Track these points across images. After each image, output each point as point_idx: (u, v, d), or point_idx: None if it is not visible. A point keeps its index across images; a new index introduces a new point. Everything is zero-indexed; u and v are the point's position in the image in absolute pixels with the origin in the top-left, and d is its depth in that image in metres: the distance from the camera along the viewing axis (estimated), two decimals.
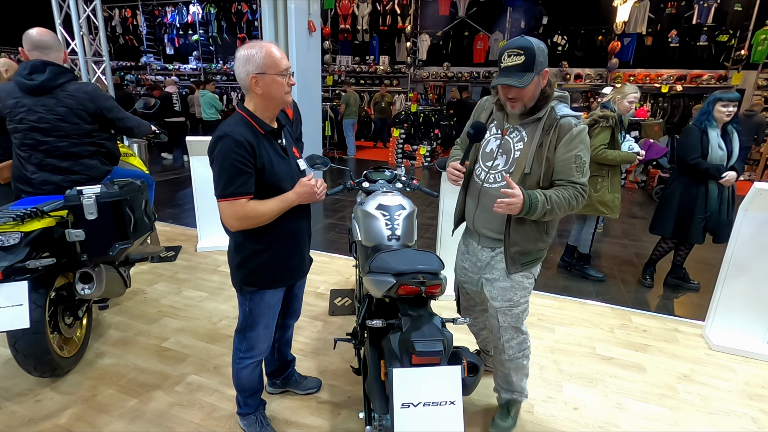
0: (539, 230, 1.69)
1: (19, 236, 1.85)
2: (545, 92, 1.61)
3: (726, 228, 3.15)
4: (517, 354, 1.85)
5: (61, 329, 2.21)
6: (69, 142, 2.21)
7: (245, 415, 1.87)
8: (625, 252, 4.39)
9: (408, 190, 2.36)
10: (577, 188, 1.58)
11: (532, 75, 1.50)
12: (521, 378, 1.93)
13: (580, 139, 1.56)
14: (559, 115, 1.59)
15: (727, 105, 3.03)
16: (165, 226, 4.64)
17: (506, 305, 1.78)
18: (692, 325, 2.94)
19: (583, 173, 1.58)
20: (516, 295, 1.76)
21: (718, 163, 3.07)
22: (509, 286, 1.76)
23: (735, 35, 9.04)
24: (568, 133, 1.55)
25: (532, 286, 1.81)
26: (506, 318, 1.80)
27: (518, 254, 1.70)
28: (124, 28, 13.78)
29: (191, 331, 2.68)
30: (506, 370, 1.90)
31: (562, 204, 1.56)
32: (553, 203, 1.55)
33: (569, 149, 1.56)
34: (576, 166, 1.57)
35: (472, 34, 11.13)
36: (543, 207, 1.54)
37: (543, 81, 1.58)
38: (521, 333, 1.83)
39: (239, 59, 1.47)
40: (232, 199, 1.45)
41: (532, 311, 2.80)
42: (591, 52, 10.21)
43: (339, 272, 3.63)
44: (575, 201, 1.57)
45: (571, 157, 1.56)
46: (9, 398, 2.07)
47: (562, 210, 1.57)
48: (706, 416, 2.11)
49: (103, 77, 6.22)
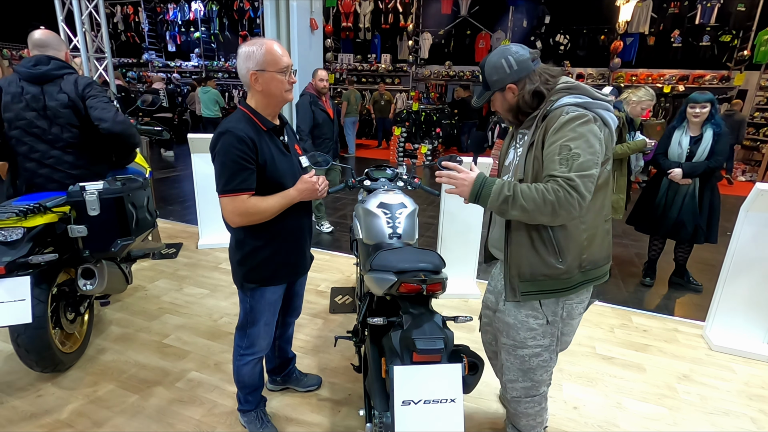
0: (545, 247, 1.37)
1: (22, 232, 1.86)
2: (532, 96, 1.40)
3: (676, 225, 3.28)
4: (523, 399, 1.62)
5: (63, 325, 2.22)
6: (73, 134, 2.18)
7: (246, 411, 1.88)
8: (625, 252, 4.39)
9: (409, 188, 2.36)
10: (558, 181, 1.24)
11: (488, 93, 1.47)
12: (530, 425, 1.68)
13: (570, 127, 1.27)
14: (553, 106, 1.35)
15: (694, 107, 3.13)
16: (166, 223, 4.64)
17: (510, 343, 1.55)
18: (692, 326, 2.94)
19: (570, 166, 1.24)
20: (519, 335, 1.50)
21: (674, 160, 3.23)
22: (512, 322, 1.51)
23: (738, 35, 9.02)
24: (557, 121, 1.30)
25: (543, 329, 1.47)
26: (510, 357, 1.58)
27: (517, 278, 1.43)
28: (126, 25, 13.78)
29: (192, 328, 2.69)
30: (512, 410, 1.71)
31: (533, 196, 1.25)
32: (517, 192, 1.27)
33: (555, 139, 1.29)
34: (560, 158, 1.26)
35: (474, 33, 11.12)
36: (500, 192, 1.29)
37: (508, 94, 1.42)
38: (530, 380, 1.57)
39: (240, 56, 1.47)
40: (233, 195, 1.46)
41: None
42: (593, 52, 10.20)
43: (340, 270, 3.63)
44: (555, 196, 1.23)
45: (556, 147, 1.28)
46: (11, 393, 2.08)
47: (534, 205, 1.25)
48: (705, 416, 2.11)
49: (104, 74, 6.22)
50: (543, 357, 1.52)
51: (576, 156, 1.25)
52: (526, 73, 1.39)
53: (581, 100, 1.34)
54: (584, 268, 1.41)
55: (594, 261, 1.43)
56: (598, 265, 1.45)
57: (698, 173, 3.14)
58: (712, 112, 3.10)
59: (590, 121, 1.30)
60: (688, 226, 3.23)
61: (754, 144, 9.07)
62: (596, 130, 1.31)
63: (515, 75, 1.39)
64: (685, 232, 3.25)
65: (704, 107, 3.08)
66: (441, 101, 11.32)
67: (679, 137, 3.23)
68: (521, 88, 1.40)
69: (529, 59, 1.39)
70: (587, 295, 1.52)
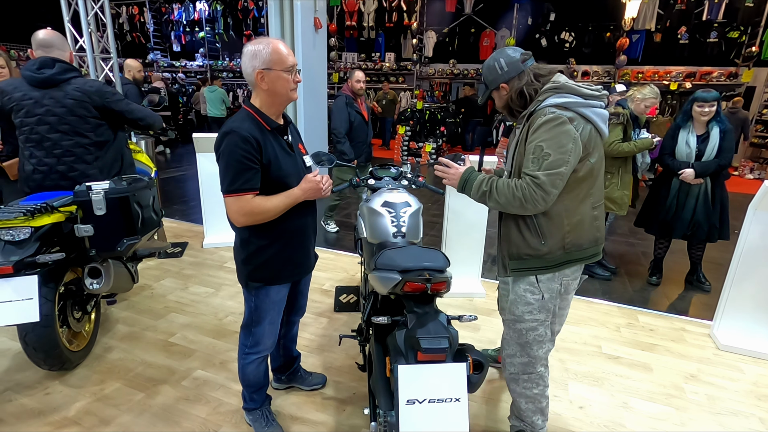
0: (530, 231, 1.54)
1: (30, 231, 1.87)
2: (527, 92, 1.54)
3: (692, 225, 3.23)
4: (521, 375, 1.72)
5: (70, 323, 2.23)
6: (74, 141, 2.19)
7: (251, 410, 1.89)
8: (632, 251, 4.36)
9: (414, 187, 2.36)
10: (526, 179, 1.43)
11: (486, 92, 1.66)
12: (530, 410, 1.75)
13: (545, 129, 1.42)
14: (539, 107, 1.49)
15: (702, 105, 3.08)
16: (172, 222, 4.67)
17: (510, 318, 1.70)
18: (700, 325, 2.92)
19: (540, 165, 1.41)
20: (518, 309, 1.64)
21: (684, 160, 3.18)
22: (513, 298, 1.66)
23: (746, 31, 8.91)
24: (536, 122, 1.45)
25: (539, 303, 1.61)
26: (509, 331, 1.72)
27: (507, 256, 1.62)
28: (131, 25, 13.84)
29: (198, 327, 2.70)
30: (511, 392, 1.80)
31: (504, 191, 1.46)
32: (492, 187, 1.50)
33: (532, 139, 1.45)
34: (534, 157, 1.43)
35: (479, 31, 11.07)
36: (479, 187, 1.53)
37: (502, 93, 1.59)
38: (527, 355, 1.69)
39: (246, 54, 1.47)
40: (238, 195, 1.46)
41: None
42: (599, 49, 10.11)
43: (344, 269, 3.64)
44: (521, 193, 1.42)
45: (531, 146, 1.45)
46: (19, 391, 2.10)
47: (505, 198, 1.46)
48: (713, 416, 2.09)
49: (111, 74, 6.26)
50: (539, 332, 1.65)
51: (546, 156, 1.41)
52: (516, 73, 1.55)
53: (565, 99, 1.46)
54: (568, 249, 1.55)
55: (579, 244, 1.56)
56: (583, 248, 1.58)
57: (710, 172, 3.10)
58: (717, 110, 3.07)
59: (565, 123, 1.42)
60: (704, 225, 3.19)
61: (762, 141, 8.97)
62: (571, 130, 1.42)
63: (506, 75, 1.56)
64: (701, 232, 3.21)
65: (712, 106, 3.05)
66: (445, 100, 11.28)
67: (685, 137, 3.18)
68: (511, 88, 1.57)
69: (518, 60, 1.54)
70: (580, 272, 1.68)
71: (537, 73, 1.55)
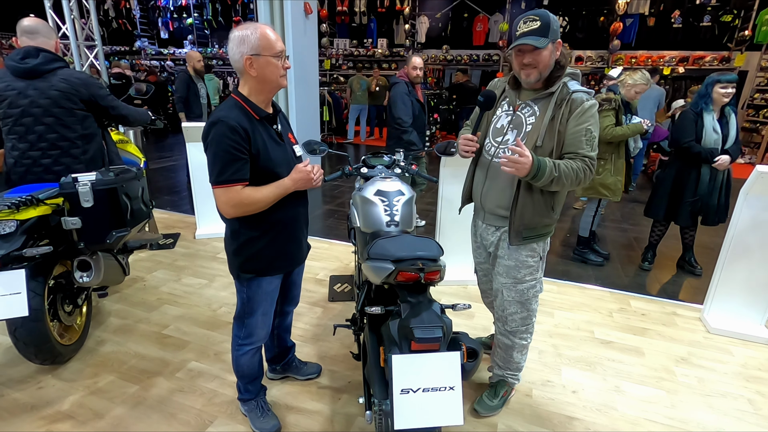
0: (546, 205, 1.69)
1: (15, 224, 1.83)
2: (560, 63, 1.62)
3: (717, 212, 3.21)
4: (520, 328, 1.88)
5: (61, 317, 2.21)
6: (59, 134, 2.14)
7: (246, 401, 1.89)
8: (624, 236, 4.39)
9: (407, 175, 2.34)
10: (586, 161, 1.59)
11: (547, 40, 1.54)
12: (519, 357, 1.95)
13: (591, 114, 1.58)
14: (571, 89, 1.60)
15: (726, 86, 3.00)
16: (163, 213, 4.62)
17: (510, 281, 1.81)
18: (691, 309, 2.95)
19: (593, 147, 1.60)
20: (520, 273, 1.79)
21: (712, 147, 3.06)
22: (513, 265, 1.79)
23: (739, 15, 8.87)
24: (580, 107, 1.57)
25: (538, 264, 1.81)
26: (510, 293, 1.83)
27: (523, 227, 1.71)
28: (117, 11, 13.49)
29: (191, 318, 2.69)
30: (506, 341, 1.92)
31: (570, 174, 1.57)
32: (561, 171, 1.56)
33: (580, 122, 1.57)
34: (586, 140, 1.58)
35: (472, 16, 10.92)
36: (551, 173, 1.55)
37: (557, 52, 1.60)
38: (526, 310, 1.85)
39: (233, 40, 1.43)
40: (226, 186, 1.43)
41: None
42: (592, 34, 10.02)
43: (338, 258, 3.63)
44: (583, 174, 1.58)
45: (582, 130, 1.57)
46: (11, 386, 2.08)
47: (569, 181, 1.58)
48: (703, 398, 2.13)
49: (96, 62, 6.11)
50: (536, 288, 1.84)
51: (594, 138, 1.61)
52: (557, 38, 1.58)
53: (585, 89, 1.62)
54: (557, 217, 1.80)
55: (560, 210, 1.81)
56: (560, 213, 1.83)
57: (737, 156, 3.08)
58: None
59: (596, 108, 1.62)
60: (725, 208, 3.19)
61: (753, 126, 9.01)
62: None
63: (557, 35, 1.58)
64: (723, 216, 3.21)
65: (734, 86, 3.01)
66: (439, 86, 11.17)
67: (711, 122, 3.06)
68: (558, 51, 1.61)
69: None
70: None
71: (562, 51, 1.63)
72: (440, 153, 2.20)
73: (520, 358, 1.96)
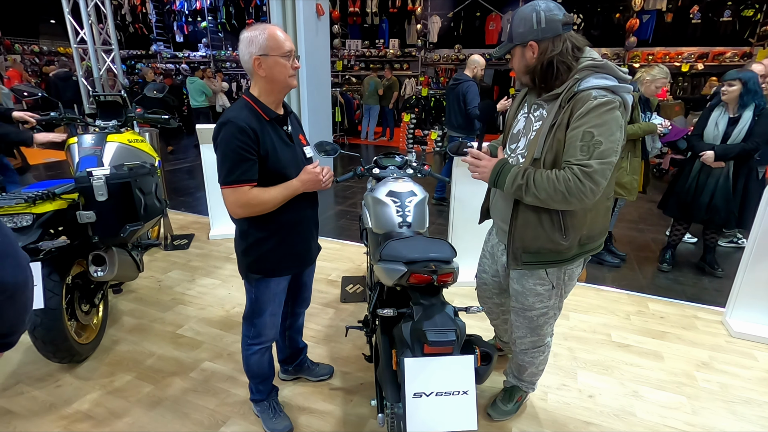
0: (552, 225, 1.43)
1: (31, 218, 1.88)
2: (562, 63, 1.35)
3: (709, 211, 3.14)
4: (531, 349, 1.78)
5: (78, 316, 2.25)
6: None
7: (258, 401, 1.89)
8: (641, 237, 4.29)
9: (419, 176, 2.32)
10: (574, 169, 1.27)
11: (509, 45, 1.42)
12: (534, 373, 1.87)
13: (596, 114, 1.26)
14: (580, 87, 1.32)
15: (723, 84, 3.01)
16: (178, 214, 4.68)
17: (518, 306, 1.70)
18: (712, 312, 2.87)
19: (591, 154, 1.26)
20: (528, 300, 1.64)
21: (709, 142, 3.10)
22: (520, 290, 1.64)
23: (761, 9, 8.62)
24: (584, 106, 1.29)
25: (550, 292, 1.60)
26: (519, 318, 1.73)
27: (521, 251, 1.51)
28: (133, 16, 13.76)
29: (205, 319, 2.71)
30: (519, 360, 1.86)
31: (544, 185, 1.30)
32: (530, 179, 1.33)
33: (578, 124, 1.29)
34: (582, 145, 1.27)
35: (484, 15, 10.82)
36: (513, 179, 1.35)
37: (528, 53, 1.37)
38: (536, 335, 1.72)
39: (243, 41, 1.44)
40: (234, 187, 1.44)
41: None
42: (608, 31, 9.83)
43: (350, 259, 3.62)
44: (565, 186, 1.27)
45: (578, 133, 1.28)
46: (30, 384, 2.12)
47: (545, 193, 1.30)
48: (725, 405, 2.06)
49: (113, 66, 6.24)
50: (549, 315, 1.66)
51: (598, 144, 1.26)
52: (552, 34, 1.34)
53: (609, 82, 1.31)
54: (582, 243, 1.50)
55: (592, 236, 1.52)
56: (594, 240, 1.55)
57: (732, 156, 2.99)
58: (750, 89, 2.90)
59: (615, 108, 1.29)
60: (722, 211, 3.09)
61: None
62: (620, 117, 1.30)
63: (540, 33, 1.34)
64: (718, 218, 3.11)
65: (731, 85, 2.95)
66: None
67: (716, 118, 3.08)
68: (542, 51, 1.36)
69: (560, 21, 1.33)
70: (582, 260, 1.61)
71: (575, 44, 1.35)
72: (453, 153, 2.18)
73: (535, 372, 1.87)
